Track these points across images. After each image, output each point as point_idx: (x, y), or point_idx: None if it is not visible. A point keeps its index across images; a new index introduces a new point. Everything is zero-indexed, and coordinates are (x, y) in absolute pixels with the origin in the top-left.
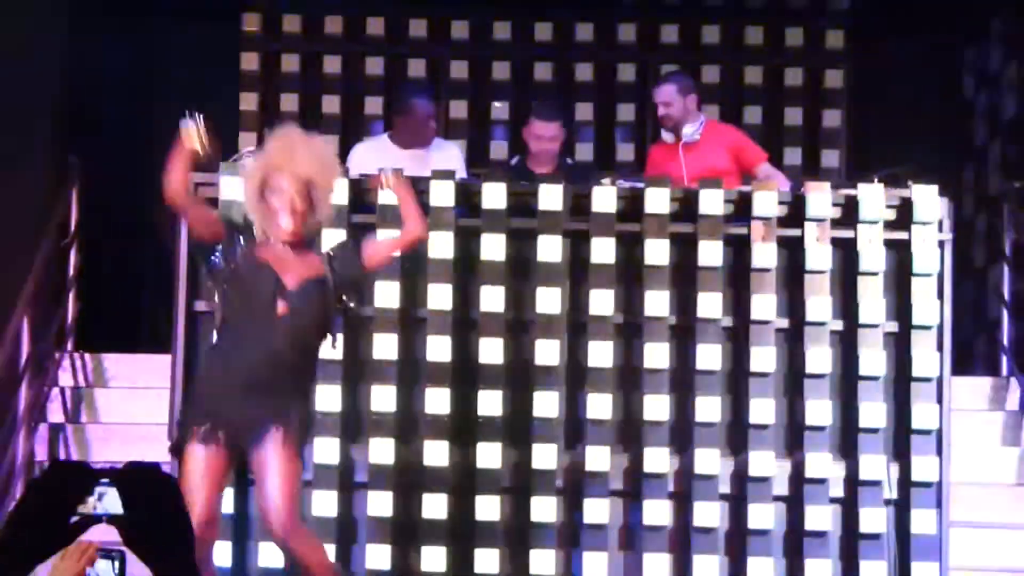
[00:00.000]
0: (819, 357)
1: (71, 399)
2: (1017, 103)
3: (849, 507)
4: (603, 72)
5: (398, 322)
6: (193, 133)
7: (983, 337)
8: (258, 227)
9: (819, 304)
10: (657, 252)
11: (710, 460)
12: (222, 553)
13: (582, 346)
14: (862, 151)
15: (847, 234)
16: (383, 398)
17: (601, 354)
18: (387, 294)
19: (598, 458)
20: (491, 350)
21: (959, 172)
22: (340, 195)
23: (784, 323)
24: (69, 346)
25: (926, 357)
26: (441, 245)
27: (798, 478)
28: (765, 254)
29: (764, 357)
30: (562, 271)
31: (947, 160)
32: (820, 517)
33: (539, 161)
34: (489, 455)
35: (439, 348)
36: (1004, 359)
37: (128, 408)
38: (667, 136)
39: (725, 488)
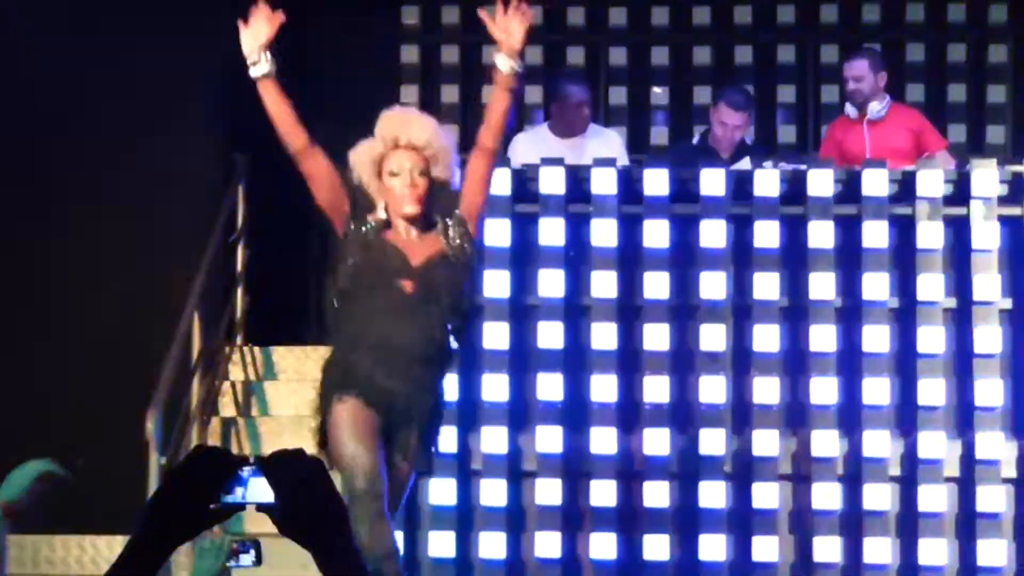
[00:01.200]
0: (987, 335)
1: (242, 392)
2: None
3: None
4: (762, 54)
5: (563, 311)
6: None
7: None
8: (379, 208)
9: (986, 282)
10: (821, 234)
11: (880, 442)
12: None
13: (747, 331)
14: None
15: (1014, 211)
16: (550, 386)
17: (767, 338)
18: (552, 283)
19: (767, 443)
20: (656, 336)
21: None
22: (503, 185)
23: (951, 302)
24: (239, 340)
25: None
26: (604, 233)
27: (969, 459)
28: (930, 234)
29: (931, 337)
30: (726, 256)
31: None
32: (993, 498)
33: (721, 145)
34: (657, 442)
35: (604, 336)
36: None
37: (298, 400)
38: (851, 112)
39: (895, 471)
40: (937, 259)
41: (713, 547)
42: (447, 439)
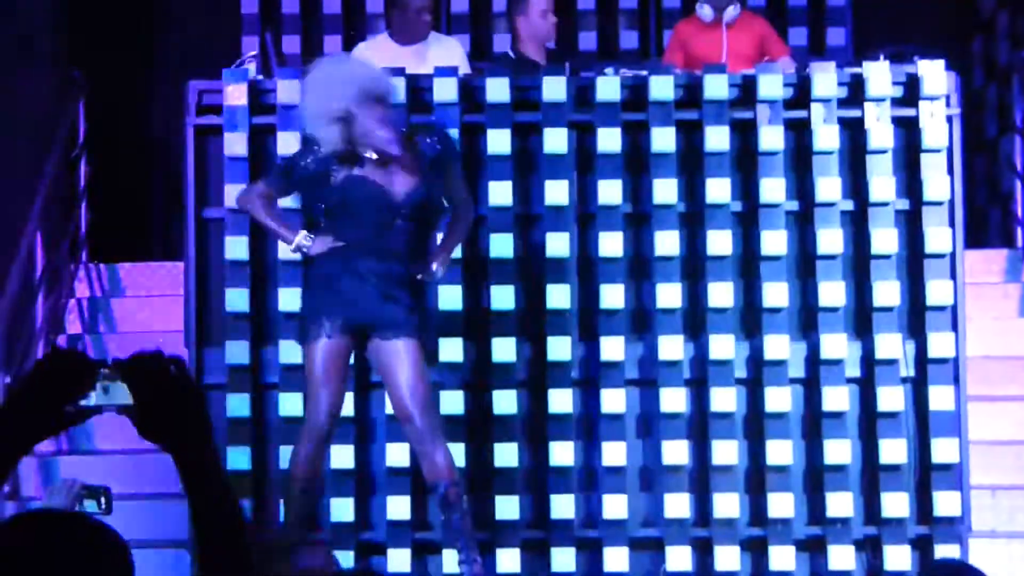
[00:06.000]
0: (830, 238)
1: (88, 309)
2: None
3: (867, 387)
4: None
5: None
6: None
7: (997, 209)
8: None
9: (829, 185)
10: (663, 139)
11: (725, 345)
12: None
13: (592, 238)
14: (867, 28)
15: (855, 113)
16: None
17: (611, 244)
18: None
19: (613, 348)
20: (501, 245)
21: (967, 44)
22: None
23: (794, 205)
24: (84, 257)
25: (938, 233)
26: None
27: (814, 360)
28: (772, 137)
29: (775, 240)
30: (569, 163)
31: (955, 33)
32: (837, 398)
33: (539, 39)
34: (504, 349)
35: None
36: (1019, 230)
37: (144, 316)
38: (704, 14)
39: (741, 373)
40: (779, 162)
41: (562, 453)
42: (294, 352)
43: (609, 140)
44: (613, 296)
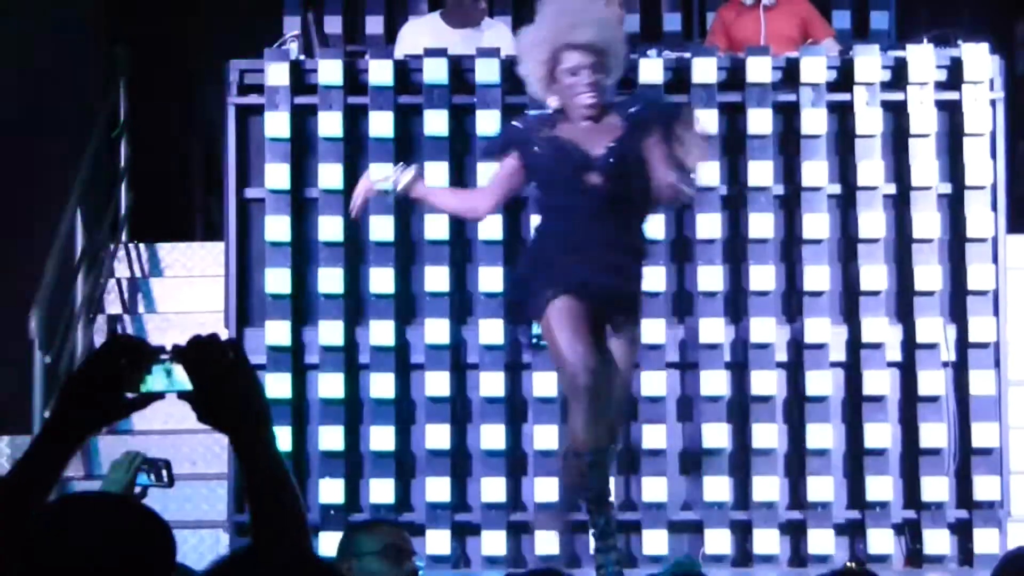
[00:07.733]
0: (872, 222)
1: (127, 290)
2: None
3: (908, 371)
4: None
5: None
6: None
7: None
8: (554, 105)
9: (871, 168)
10: (706, 122)
11: (766, 329)
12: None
13: None
14: (911, 11)
15: (898, 96)
16: (437, 279)
17: (653, 226)
18: (436, 173)
19: (654, 330)
20: None
21: (1011, 28)
22: (386, 76)
23: (836, 188)
24: (124, 237)
25: (981, 217)
26: (487, 123)
27: (855, 343)
28: (814, 120)
29: (817, 224)
30: None
31: (999, 16)
32: (878, 382)
33: None
34: None
35: (490, 229)
36: None
37: (184, 297)
38: None
39: (782, 356)
40: (821, 145)
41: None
42: (334, 333)
43: None
44: (654, 278)
